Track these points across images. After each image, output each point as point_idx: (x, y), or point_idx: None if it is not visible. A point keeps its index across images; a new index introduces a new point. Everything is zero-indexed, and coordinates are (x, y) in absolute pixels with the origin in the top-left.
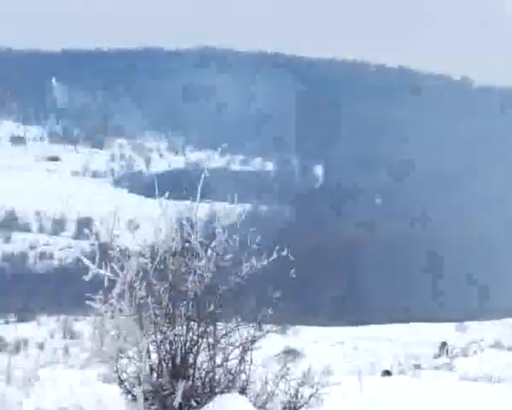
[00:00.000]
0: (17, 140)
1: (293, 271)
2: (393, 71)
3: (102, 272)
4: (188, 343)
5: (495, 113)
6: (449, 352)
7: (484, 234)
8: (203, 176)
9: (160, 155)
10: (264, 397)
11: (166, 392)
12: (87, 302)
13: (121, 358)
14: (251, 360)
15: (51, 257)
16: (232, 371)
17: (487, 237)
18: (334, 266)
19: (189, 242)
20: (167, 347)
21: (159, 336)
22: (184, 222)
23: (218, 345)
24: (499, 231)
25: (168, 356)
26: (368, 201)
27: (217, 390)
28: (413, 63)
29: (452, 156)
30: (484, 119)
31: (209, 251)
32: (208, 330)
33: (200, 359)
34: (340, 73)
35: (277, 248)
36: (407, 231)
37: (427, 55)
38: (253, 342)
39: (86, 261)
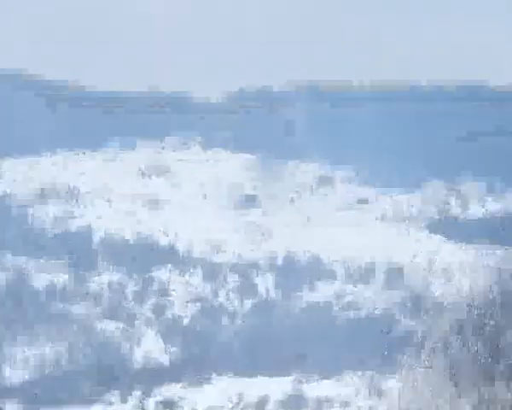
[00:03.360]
0: (325, 180)
1: None
2: None
3: (414, 324)
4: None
5: None
6: None
7: None
8: None
9: (478, 200)
10: None
11: None
12: (397, 357)
13: None
14: None
15: (357, 308)
16: None
17: None
18: None
19: (508, 291)
20: (484, 409)
21: (475, 396)
22: (503, 270)
23: None
24: None
25: None
26: None
27: None
28: None
29: None
30: None
31: None
32: None
33: None
34: None
35: None
36: None
37: None
38: None
39: (396, 314)
